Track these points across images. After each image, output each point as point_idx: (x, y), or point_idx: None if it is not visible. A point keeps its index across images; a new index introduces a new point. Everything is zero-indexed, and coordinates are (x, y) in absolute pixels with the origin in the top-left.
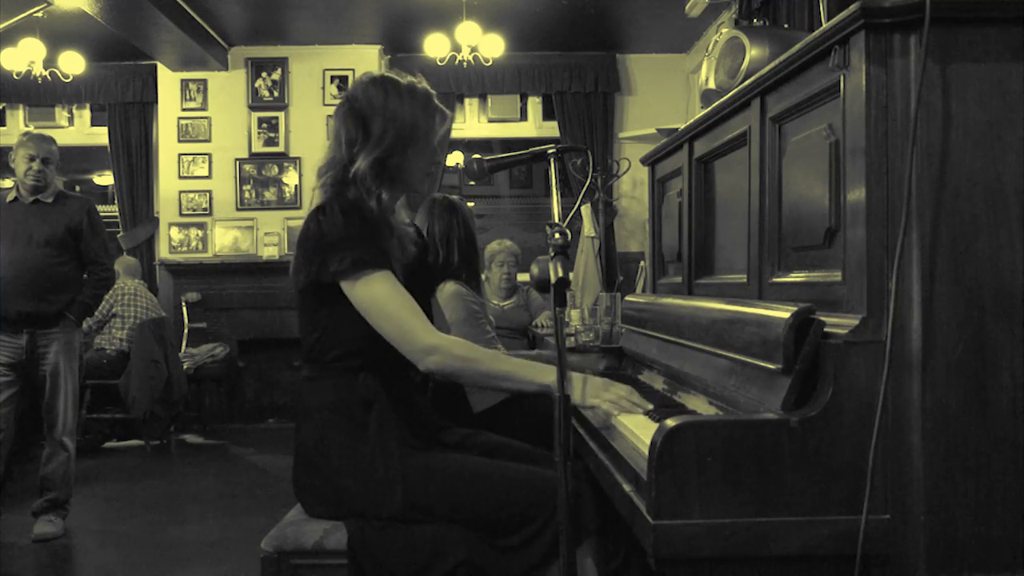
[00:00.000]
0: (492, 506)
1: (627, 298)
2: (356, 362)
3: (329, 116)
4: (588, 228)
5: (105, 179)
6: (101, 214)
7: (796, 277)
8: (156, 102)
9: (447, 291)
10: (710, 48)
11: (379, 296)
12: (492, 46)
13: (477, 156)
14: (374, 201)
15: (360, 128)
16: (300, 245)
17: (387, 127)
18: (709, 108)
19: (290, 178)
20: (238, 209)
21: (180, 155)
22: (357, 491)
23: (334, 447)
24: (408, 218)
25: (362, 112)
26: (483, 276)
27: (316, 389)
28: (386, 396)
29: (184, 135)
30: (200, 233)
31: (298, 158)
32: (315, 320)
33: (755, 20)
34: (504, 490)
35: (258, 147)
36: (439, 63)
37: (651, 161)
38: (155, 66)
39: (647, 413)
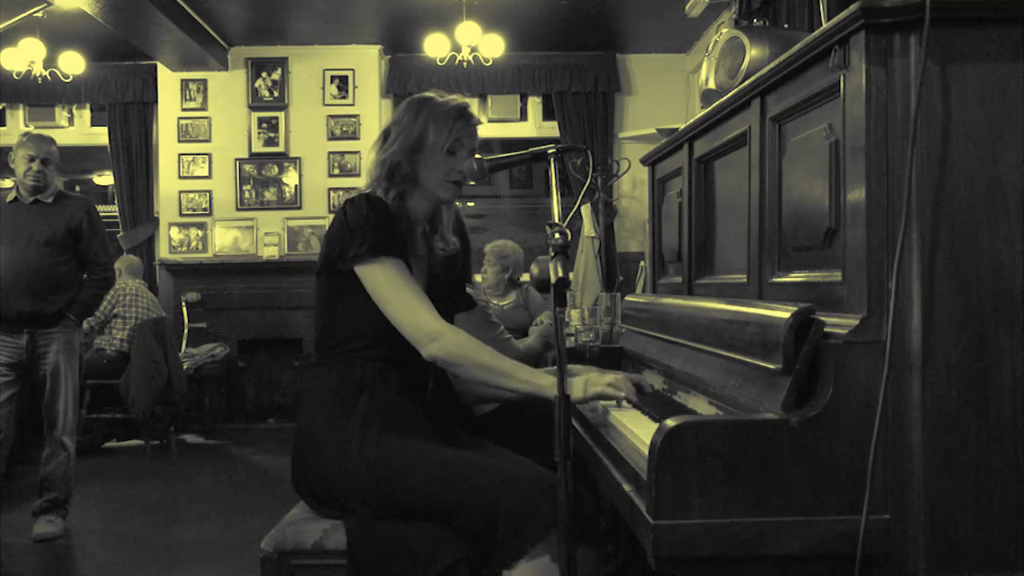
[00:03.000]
0: (464, 497)
1: (627, 298)
2: (358, 349)
3: (329, 116)
4: (588, 228)
5: (105, 179)
6: (101, 214)
7: (796, 277)
8: (156, 102)
9: None
10: (710, 48)
11: (390, 280)
12: (492, 46)
13: (477, 156)
14: (393, 200)
15: (382, 140)
16: (327, 235)
17: (397, 136)
18: (709, 108)
19: (290, 178)
20: (238, 209)
21: (180, 155)
22: (335, 474)
23: (321, 429)
24: (455, 243)
25: (388, 128)
26: (478, 277)
27: (317, 373)
28: (381, 384)
29: (184, 135)
30: (200, 233)
31: (298, 158)
32: (326, 306)
33: (755, 20)
34: (477, 482)
35: (258, 147)
36: (439, 63)
37: (651, 161)
38: (155, 66)
39: (647, 413)
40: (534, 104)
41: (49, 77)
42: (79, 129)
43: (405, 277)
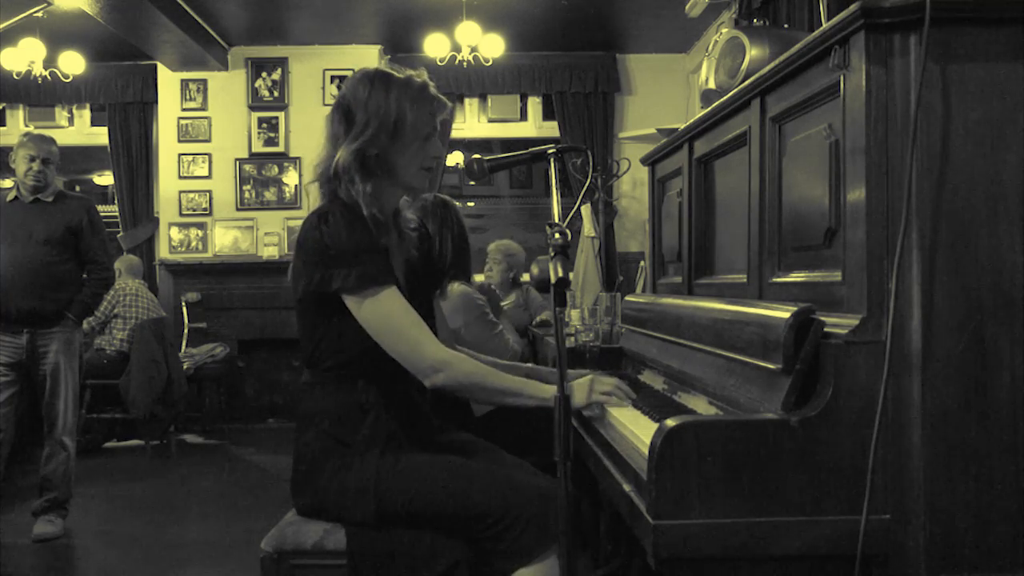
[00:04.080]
0: (466, 512)
1: (627, 298)
2: (356, 369)
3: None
4: (588, 228)
5: (105, 179)
6: (101, 214)
7: (796, 277)
8: (156, 102)
9: (455, 291)
10: (710, 48)
11: (385, 313)
12: (492, 46)
13: (477, 156)
14: (361, 196)
15: (343, 121)
16: (300, 251)
17: (369, 119)
18: (709, 108)
19: (290, 178)
20: (238, 209)
21: (180, 155)
22: (335, 497)
23: (326, 454)
24: (415, 220)
25: (348, 106)
26: (480, 276)
27: (315, 396)
28: (384, 403)
29: (184, 135)
30: (200, 233)
31: (298, 158)
32: (315, 327)
33: (755, 20)
34: (480, 496)
35: (258, 147)
36: (439, 63)
37: (651, 161)
38: (155, 66)
39: (647, 413)
40: (534, 104)
41: (49, 77)
42: (79, 129)
43: (400, 305)
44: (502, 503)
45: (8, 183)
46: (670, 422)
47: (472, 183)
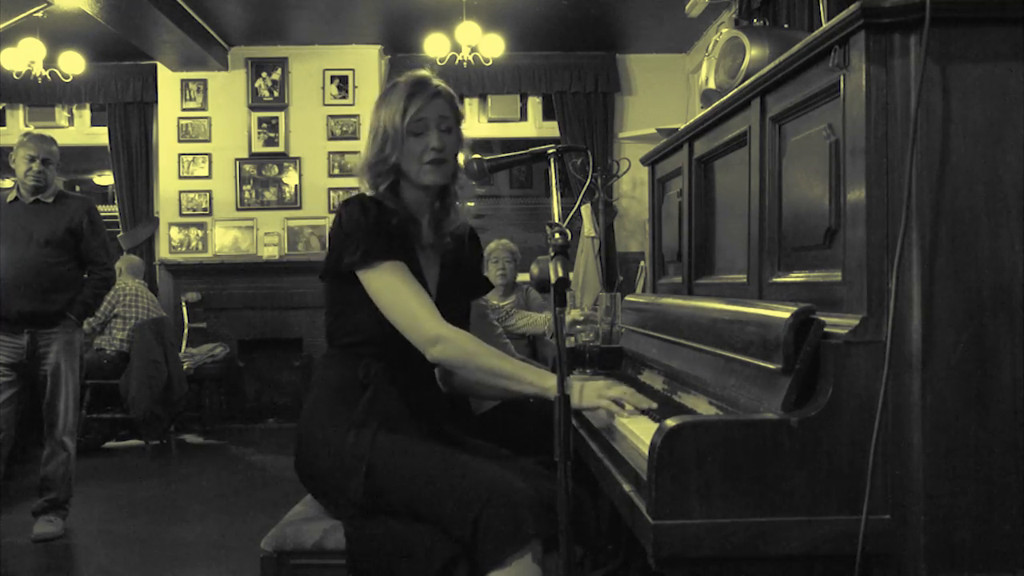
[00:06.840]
0: (447, 500)
1: (627, 298)
2: (365, 348)
3: (329, 116)
4: (588, 228)
5: (105, 179)
6: (101, 214)
7: (796, 277)
8: (156, 102)
9: None
10: (710, 48)
11: (389, 285)
12: (492, 46)
13: (477, 156)
14: (386, 195)
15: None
16: (329, 236)
17: (369, 140)
18: (709, 108)
19: (290, 178)
20: (238, 209)
21: (180, 155)
22: (329, 464)
23: (321, 420)
24: (461, 223)
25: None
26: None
27: (326, 366)
28: (384, 383)
29: (184, 135)
30: (200, 233)
31: (298, 158)
32: (333, 304)
33: (755, 20)
34: (462, 487)
35: (258, 147)
36: (439, 63)
37: (651, 161)
38: (155, 66)
39: (647, 413)
40: (534, 104)
41: (49, 77)
42: (79, 129)
43: (404, 279)
44: (469, 506)
45: (8, 183)
46: (670, 422)
47: (472, 183)
